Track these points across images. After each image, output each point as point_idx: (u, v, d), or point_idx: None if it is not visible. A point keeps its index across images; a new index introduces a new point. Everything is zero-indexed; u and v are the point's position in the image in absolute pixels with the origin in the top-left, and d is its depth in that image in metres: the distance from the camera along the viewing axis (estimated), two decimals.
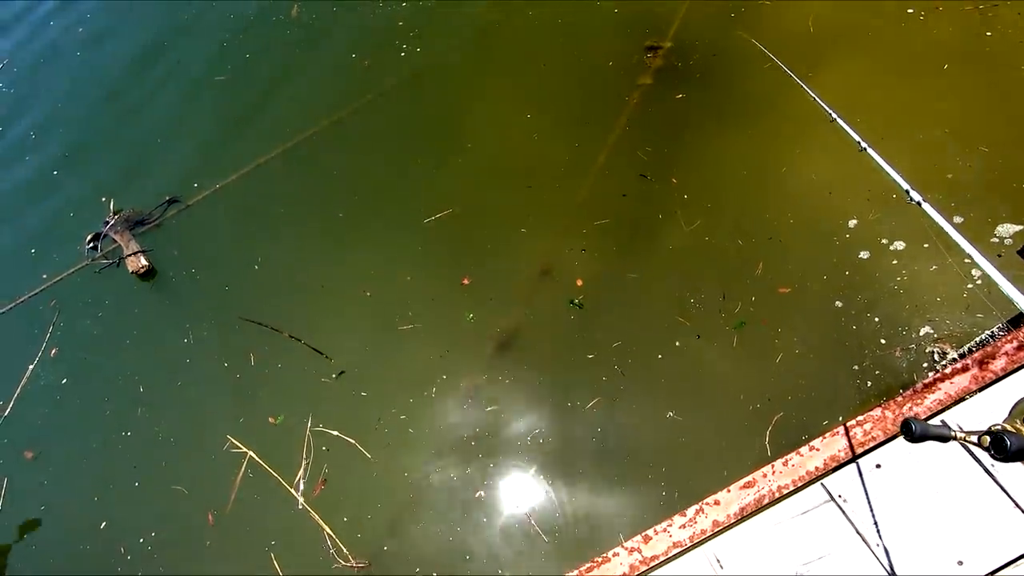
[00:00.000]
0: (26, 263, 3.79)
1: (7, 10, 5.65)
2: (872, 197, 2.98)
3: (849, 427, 1.76)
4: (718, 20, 4.07)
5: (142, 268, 3.53)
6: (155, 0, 5.18)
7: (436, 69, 4.21)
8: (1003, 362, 1.74)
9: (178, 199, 3.85)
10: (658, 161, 3.40)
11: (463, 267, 3.26)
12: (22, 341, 3.45)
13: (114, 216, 3.79)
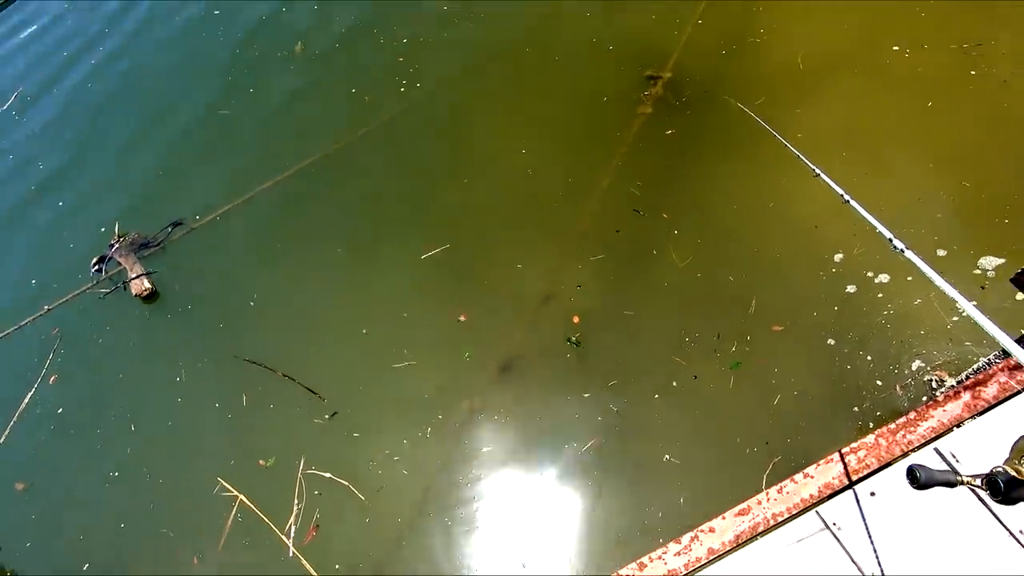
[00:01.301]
0: (30, 288, 3.79)
1: (22, 42, 5.78)
2: (857, 231, 3.00)
3: (843, 454, 1.75)
4: (711, 57, 4.16)
5: (145, 291, 3.54)
6: (167, 36, 5.31)
7: (434, 105, 4.28)
8: (995, 389, 1.74)
9: (182, 222, 3.89)
10: (650, 196, 3.43)
11: (460, 303, 3.26)
12: (23, 366, 3.43)
13: (119, 239, 3.82)
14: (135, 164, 4.42)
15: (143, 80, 5.04)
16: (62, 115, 4.93)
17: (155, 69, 5.07)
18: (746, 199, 3.32)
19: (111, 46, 5.40)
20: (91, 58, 5.34)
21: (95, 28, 5.62)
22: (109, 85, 5.04)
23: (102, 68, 5.21)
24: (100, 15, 5.74)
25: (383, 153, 4.05)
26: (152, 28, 5.51)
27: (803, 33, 4.16)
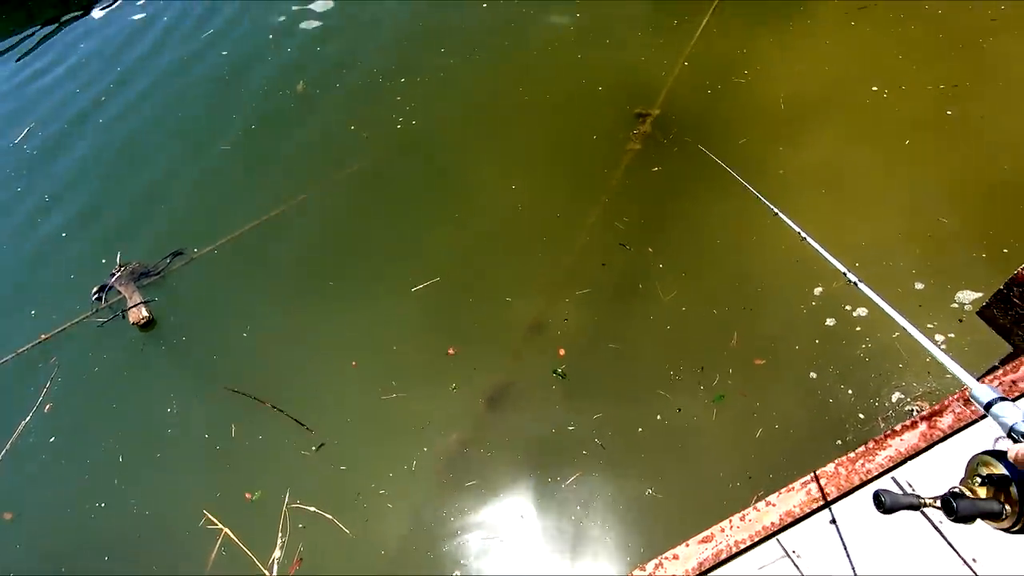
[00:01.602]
0: (29, 317, 3.83)
1: (38, 78, 6.00)
2: None
3: (804, 483, 1.77)
4: (697, 97, 4.30)
5: (143, 319, 3.60)
6: (177, 77, 5.53)
7: (428, 141, 4.42)
8: (950, 419, 1.77)
9: (182, 252, 4.00)
10: (636, 231, 3.52)
11: (449, 337, 3.31)
12: (20, 394, 3.45)
13: (121, 268, 3.91)
14: (138, 196, 4.53)
15: (149, 118, 5.21)
16: (71, 151, 5.07)
17: (161, 108, 5.24)
18: (729, 234, 3.40)
19: (122, 88, 5.59)
20: (104, 99, 5.53)
21: (111, 73, 5.83)
22: (117, 124, 5.20)
23: (113, 108, 5.38)
24: (117, 61, 5.96)
25: (377, 187, 4.16)
26: (163, 71, 5.72)
27: (785, 74, 4.31)
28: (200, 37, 6.09)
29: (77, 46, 6.42)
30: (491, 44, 5.11)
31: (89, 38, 6.49)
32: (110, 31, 6.54)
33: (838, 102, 4.04)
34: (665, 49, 4.68)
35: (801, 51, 4.50)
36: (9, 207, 4.63)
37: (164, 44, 6.10)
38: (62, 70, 6.05)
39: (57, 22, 6.86)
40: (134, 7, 6.87)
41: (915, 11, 4.62)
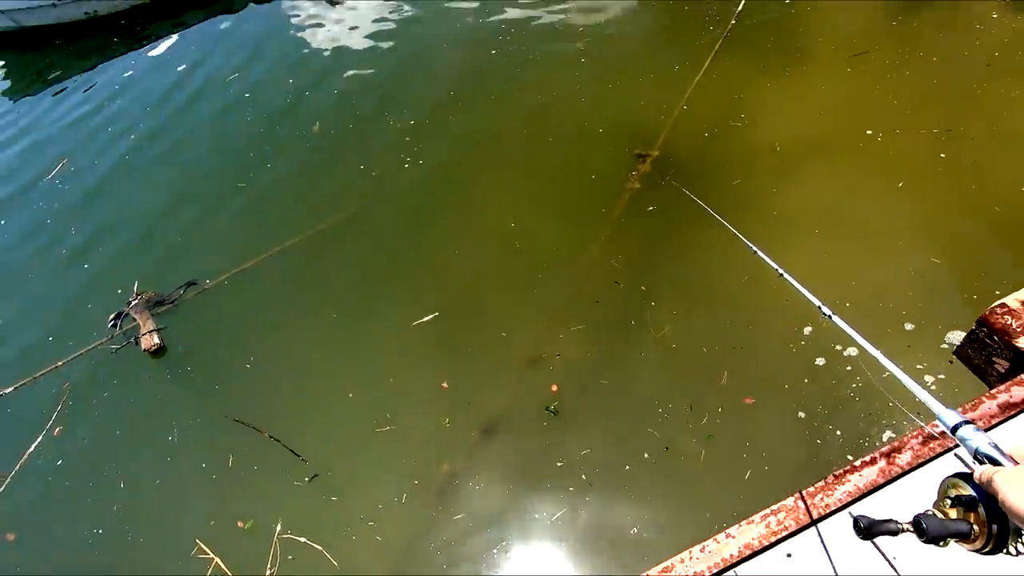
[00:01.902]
0: (47, 343, 3.98)
1: (74, 116, 6.38)
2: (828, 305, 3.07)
3: (764, 515, 1.77)
4: (695, 139, 4.41)
5: (154, 346, 3.74)
6: (202, 118, 5.84)
7: (432, 180, 4.59)
8: (908, 456, 1.76)
9: (195, 282, 4.17)
10: (630, 269, 3.59)
11: (444, 371, 3.37)
12: (33, 417, 3.56)
13: (137, 297, 4.07)
14: (159, 230, 4.74)
15: (174, 157, 5.49)
16: (99, 187, 5.34)
17: (184, 148, 5.52)
18: (720, 274, 3.45)
19: (150, 128, 5.92)
20: (132, 137, 5.84)
21: (139, 112, 6.19)
22: (143, 163, 5.49)
23: (139, 147, 5.68)
24: (146, 102, 6.34)
25: (382, 224, 4.31)
26: (188, 113, 6.06)
27: (780, 118, 4.42)
28: (226, 80, 6.45)
29: (112, 86, 6.84)
30: (497, 87, 5.34)
31: (124, 78, 6.91)
32: (144, 73, 6.96)
33: (832, 145, 4.12)
34: (665, 93, 4.84)
35: (797, 96, 4.62)
36: (38, 239, 4.88)
37: (192, 87, 6.47)
38: (96, 109, 6.44)
39: (99, 63, 7.32)
40: (171, 53, 7.32)
41: (910, 58, 4.74)
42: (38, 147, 6.06)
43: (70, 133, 6.20)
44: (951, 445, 1.73)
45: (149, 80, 6.83)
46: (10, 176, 5.71)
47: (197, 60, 7.05)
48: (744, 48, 5.21)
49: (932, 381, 2.73)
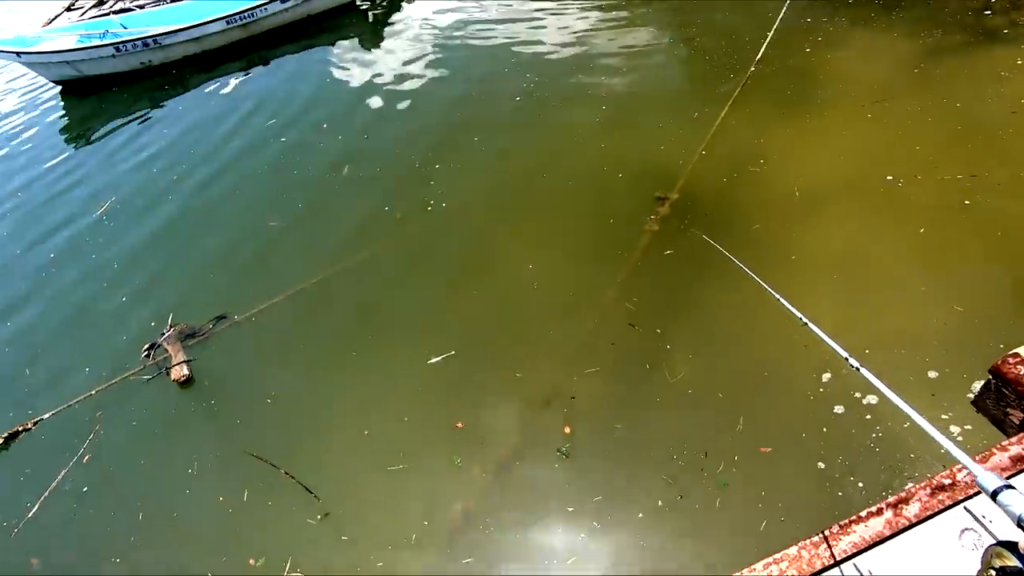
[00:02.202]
0: (82, 372, 4.14)
1: (123, 158, 6.80)
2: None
3: (767, 564, 1.72)
4: (715, 183, 4.46)
5: (183, 377, 3.87)
6: (240, 160, 6.17)
7: (454, 222, 4.71)
8: (917, 508, 1.70)
9: (226, 316, 4.32)
10: (646, 312, 3.59)
11: (458, 410, 3.39)
12: (65, 444, 3.68)
13: (170, 328, 4.24)
14: (195, 265, 4.96)
15: (211, 196, 5.77)
16: (141, 225, 5.64)
17: (224, 189, 5.80)
18: (738, 319, 3.44)
19: (191, 169, 6.26)
20: (175, 178, 6.19)
21: (183, 154, 6.57)
22: (184, 202, 5.78)
23: (183, 188, 6.00)
24: (189, 145, 6.74)
25: (405, 264, 4.43)
26: (227, 155, 6.40)
27: (800, 164, 4.45)
28: (264, 125, 6.82)
29: (160, 131, 7.28)
30: (519, 133, 5.52)
31: (170, 124, 7.36)
32: (189, 118, 7.41)
33: (853, 190, 4.12)
34: (685, 139, 4.93)
35: (816, 141, 4.65)
36: (82, 273, 5.14)
37: (231, 131, 6.85)
38: (144, 151, 6.86)
39: (149, 109, 7.83)
40: (216, 100, 7.79)
41: (933, 105, 4.75)
42: (90, 187, 6.44)
43: (119, 173, 6.59)
44: (961, 497, 1.67)
45: (193, 125, 7.26)
46: (63, 214, 6.07)
47: (238, 106, 7.48)
48: (763, 94, 5.29)
49: (958, 432, 2.64)
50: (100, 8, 11.07)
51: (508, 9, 8.47)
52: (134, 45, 8.69)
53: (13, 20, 15.52)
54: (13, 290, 5.10)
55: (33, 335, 4.57)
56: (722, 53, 6.06)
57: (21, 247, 5.63)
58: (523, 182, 4.92)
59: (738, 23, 6.61)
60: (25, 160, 7.38)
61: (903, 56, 5.43)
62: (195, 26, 8.76)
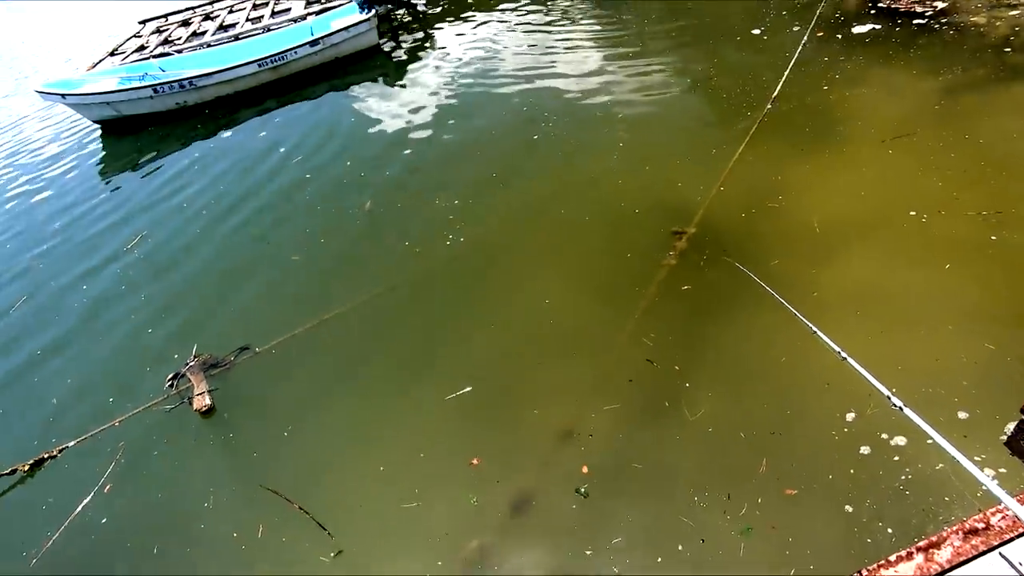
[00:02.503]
0: (107, 403, 4.21)
1: (155, 194, 7.06)
2: (870, 391, 2.93)
3: None
4: (732, 218, 4.45)
5: (205, 406, 3.93)
6: (263, 198, 6.36)
7: (472, 257, 4.76)
8: (948, 553, 1.60)
9: (248, 347, 4.39)
10: (663, 347, 3.55)
11: (474, 447, 3.36)
12: (87, 474, 3.72)
13: (194, 359, 4.32)
14: (219, 296, 5.07)
15: (238, 231, 5.94)
16: (169, 257, 5.81)
17: (246, 223, 5.99)
18: (758, 355, 3.38)
19: (219, 204, 6.49)
20: (204, 212, 6.41)
21: (211, 191, 6.82)
22: (209, 235, 5.96)
23: (207, 221, 6.21)
24: (218, 182, 7.01)
25: (423, 299, 4.47)
26: (255, 190, 6.62)
27: (820, 199, 4.42)
28: (290, 162, 7.04)
29: (192, 168, 7.57)
30: (538, 169, 5.60)
31: (202, 161, 7.66)
32: (219, 156, 7.70)
33: (874, 226, 4.07)
34: (702, 176, 4.95)
35: (836, 177, 4.63)
36: (109, 305, 5.29)
37: (259, 168, 7.09)
38: (175, 188, 7.13)
39: (182, 147, 8.16)
40: (247, 138, 8.09)
41: (955, 141, 4.71)
42: (123, 221, 6.69)
43: (150, 209, 6.84)
44: (996, 543, 1.59)
45: (223, 163, 7.54)
46: (96, 247, 6.29)
47: (265, 144, 7.76)
48: (781, 131, 5.32)
49: (992, 475, 2.53)
50: (141, 53, 11.67)
51: (527, 49, 8.72)
52: (171, 87, 9.12)
53: (61, 65, 16.45)
54: (43, 319, 5.28)
55: (60, 364, 4.70)
56: (739, 91, 6.13)
57: (57, 281, 5.83)
58: (540, 217, 4.98)
59: (755, 62, 6.71)
60: (64, 196, 7.73)
61: (923, 93, 5.43)
62: (228, 69, 9.17)
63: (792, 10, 7.87)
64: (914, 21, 6.72)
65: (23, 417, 4.32)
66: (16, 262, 6.39)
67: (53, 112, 11.29)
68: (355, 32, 9.69)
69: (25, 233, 7.00)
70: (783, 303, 2.93)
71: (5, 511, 3.68)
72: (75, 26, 24.57)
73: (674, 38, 7.99)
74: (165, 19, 14.69)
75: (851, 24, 6.95)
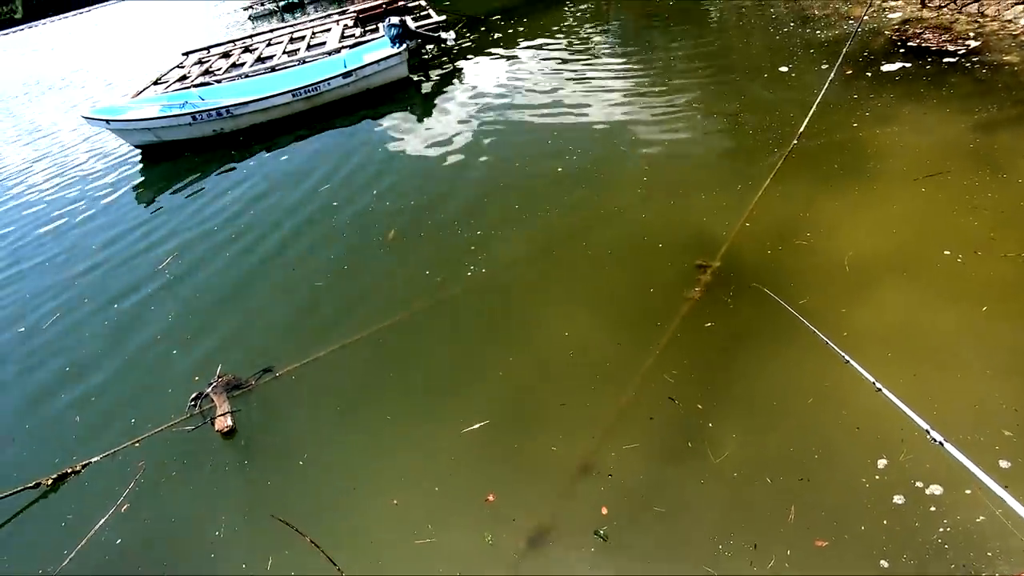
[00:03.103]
0: (128, 423, 4.26)
1: (188, 216, 7.25)
2: (904, 436, 2.81)
3: None
4: (758, 256, 4.36)
5: (227, 427, 3.95)
6: (292, 226, 6.50)
7: (492, 287, 4.75)
8: None
9: (271, 369, 4.44)
10: (685, 385, 3.46)
11: (490, 483, 3.28)
12: (106, 492, 3.74)
13: (218, 379, 4.37)
14: (244, 318, 5.15)
15: (265, 254, 6.06)
16: (199, 278, 5.95)
17: (275, 247, 6.11)
18: (784, 394, 3.26)
19: (249, 228, 6.65)
20: (234, 236, 6.56)
21: (242, 215, 7.01)
22: (239, 258, 6.10)
23: (239, 244, 6.35)
24: (249, 206, 7.19)
25: (441, 329, 4.45)
26: (284, 215, 6.78)
27: (850, 236, 4.32)
28: (318, 190, 7.20)
29: (224, 192, 7.80)
30: (560, 202, 5.61)
31: (234, 186, 7.89)
32: (251, 182, 7.92)
33: (907, 265, 3.95)
34: (727, 212, 4.90)
35: (867, 215, 4.53)
36: (137, 323, 5.41)
37: (288, 194, 7.27)
38: (207, 211, 7.34)
39: (216, 171, 8.42)
40: (279, 164, 8.32)
41: (991, 180, 4.60)
42: (157, 243, 6.89)
43: (183, 231, 7.05)
44: None
45: (254, 189, 7.76)
46: (129, 267, 6.48)
47: (294, 171, 7.98)
48: (809, 167, 5.25)
49: None
50: (183, 82, 12.19)
51: (552, 83, 8.86)
52: (209, 115, 9.48)
53: (108, 93, 17.27)
54: (74, 336, 5.41)
55: (87, 380, 4.81)
56: (765, 127, 6.10)
57: (90, 298, 6.00)
58: (561, 250, 4.96)
59: (782, 99, 6.69)
60: (102, 217, 8.01)
61: (957, 131, 5.33)
62: (264, 98, 9.52)
63: (819, 48, 7.87)
64: (944, 59, 6.65)
65: (49, 431, 4.40)
66: (53, 280, 6.61)
67: (99, 138, 11.80)
68: (386, 65, 9.99)
69: (64, 253, 7.25)
70: (813, 330, 2.84)
71: (27, 524, 3.72)
72: (126, 55, 25.90)
73: (699, 75, 8.04)
74: (207, 51, 15.38)
75: (880, 62, 6.91)
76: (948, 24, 7.52)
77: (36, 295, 6.36)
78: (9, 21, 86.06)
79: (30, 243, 7.82)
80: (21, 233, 8.27)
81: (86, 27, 55.45)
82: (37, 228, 8.26)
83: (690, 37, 9.78)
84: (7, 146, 14.12)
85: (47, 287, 6.47)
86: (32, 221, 8.59)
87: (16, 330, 5.80)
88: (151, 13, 51.25)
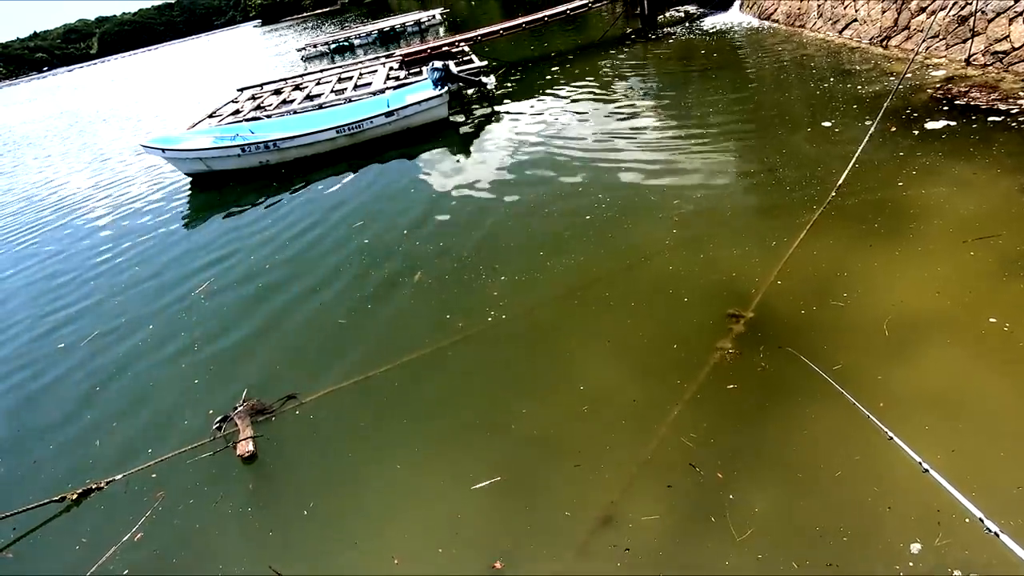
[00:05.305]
0: (148, 445, 4.32)
1: (228, 243, 7.51)
2: (940, 518, 2.56)
3: None
4: (790, 317, 4.18)
5: (247, 452, 3.97)
6: (320, 254, 6.65)
7: (513, 336, 4.67)
8: None
9: (295, 396, 4.48)
10: (705, 450, 3.28)
11: (499, 547, 3.09)
12: (122, 517, 3.74)
13: (243, 403, 4.41)
14: (272, 348, 5.22)
15: (294, 286, 6.17)
16: (230, 306, 6.08)
17: (304, 283, 6.22)
18: (811, 467, 3.05)
19: (283, 259, 6.84)
20: (267, 266, 6.73)
21: (279, 244, 7.21)
22: (268, 290, 6.23)
23: (270, 276, 6.50)
24: (286, 237, 7.41)
25: (460, 375, 4.38)
26: (315, 249, 6.94)
27: (890, 298, 4.11)
28: (352, 226, 7.36)
29: (264, 222, 8.06)
30: (587, 251, 5.55)
31: (273, 216, 8.15)
32: (289, 213, 8.19)
33: (951, 332, 3.72)
34: (758, 267, 4.74)
35: (910, 276, 4.32)
36: (169, 344, 5.56)
37: (321, 228, 7.46)
38: (247, 240, 7.58)
39: (258, 202, 8.73)
40: (317, 197, 8.58)
41: None
42: (197, 268, 7.14)
43: (222, 257, 7.29)
44: None
45: (291, 218, 8.01)
46: (168, 290, 6.70)
47: (332, 206, 8.21)
48: (847, 224, 5.07)
49: None
50: (235, 116, 12.82)
51: (587, 130, 8.95)
52: (257, 147, 9.92)
53: (162, 125, 18.33)
54: (108, 354, 5.59)
55: (120, 398, 4.95)
56: (804, 183, 5.96)
57: (128, 316, 6.23)
58: (585, 299, 4.87)
59: (823, 154, 6.55)
60: (151, 240, 8.37)
61: (1007, 192, 5.09)
62: (309, 133, 9.91)
63: (861, 103, 7.74)
64: (990, 118, 6.43)
65: (77, 446, 4.51)
66: (94, 297, 6.89)
67: (155, 167, 12.44)
68: (427, 106, 10.30)
69: (108, 272, 7.57)
70: (853, 402, 2.64)
71: (49, 538, 3.77)
72: (186, 90, 27.58)
73: (736, 125, 7.98)
74: (260, 88, 16.21)
75: (924, 119, 6.73)
76: (995, 83, 7.30)
77: (77, 313, 6.62)
78: (85, 56, 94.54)
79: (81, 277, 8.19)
80: (72, 260, 8.70)
81: (154, 63, 59.57)
82: (90, 254, 8.68)
83: (728, 90, 9.77)
84: (77, 167, 15.05)
85: (89, 304, 6.77)
86: (88, 250, 9.00)
87: (56, 346, 6.03)
88: (213, 52, 54.78)
